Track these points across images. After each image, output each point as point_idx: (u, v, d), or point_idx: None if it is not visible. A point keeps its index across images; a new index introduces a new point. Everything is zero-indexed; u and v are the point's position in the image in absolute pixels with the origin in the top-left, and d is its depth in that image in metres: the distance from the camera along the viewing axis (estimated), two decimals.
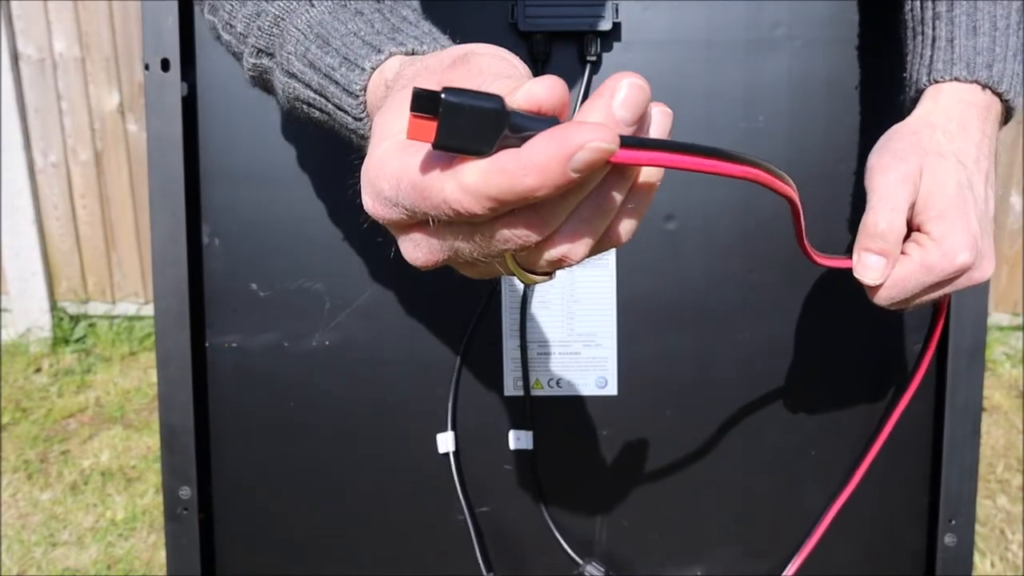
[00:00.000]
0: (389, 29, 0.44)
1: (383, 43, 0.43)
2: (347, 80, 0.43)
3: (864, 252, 0.52)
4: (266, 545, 0.73)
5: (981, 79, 0.55)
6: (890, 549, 0.72)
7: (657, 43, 0.67)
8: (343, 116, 0.44)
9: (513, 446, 0.70)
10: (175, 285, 0.68)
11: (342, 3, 0.46)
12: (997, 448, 2.31)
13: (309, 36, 0.45)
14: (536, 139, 0.29)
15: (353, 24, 0.44)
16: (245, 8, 0.49)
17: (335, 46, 0.44)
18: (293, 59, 0.46)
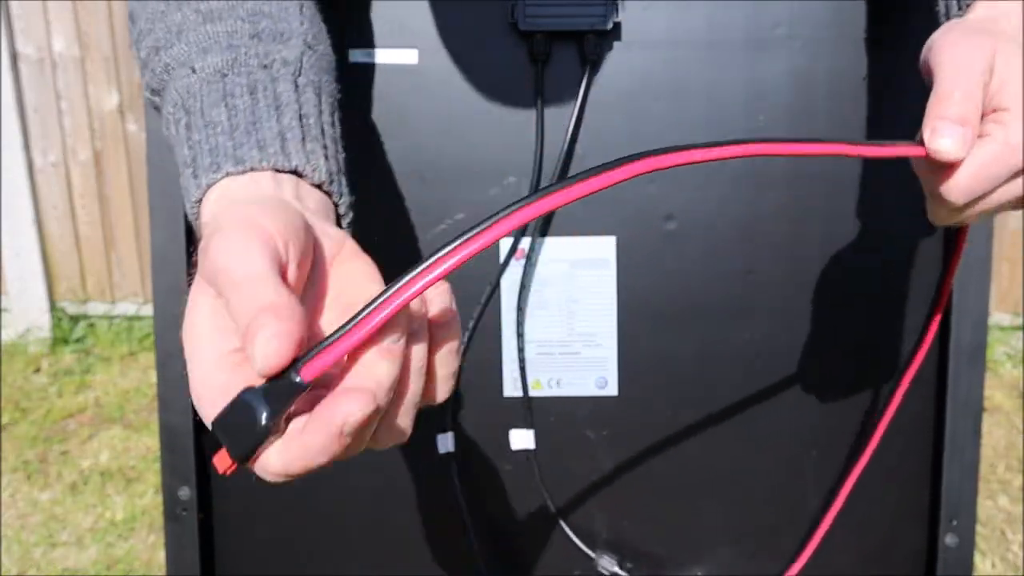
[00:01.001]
0: (246, 126, 0.43)
1: (223, 156, 0.42)
2: (187, 184, 0.44)
3: (939, 121, 0.43)
4: (266, 545, 0.73)
5: None
6: (890, 549, 0.72)
7: (657, 43, 0.67)
8: (186, 200, 0.44)
9: (515, 447, 0.70)
10: (175, 285, 0.68)
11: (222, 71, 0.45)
12: (998, 448, 2.31)
13: (184, 106, 0.46)
14: (307, 429, 0.32)
15: (215, 112, 0.44)
16: (148, 38, 0.49)
17: (194, 137, 0.44)
18: (170, 122, 0.47)
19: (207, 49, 0.46)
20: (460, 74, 0.67)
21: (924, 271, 0.68)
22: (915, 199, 0.68)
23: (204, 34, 0.46)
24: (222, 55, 0.46)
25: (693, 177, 0.68)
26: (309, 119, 0.46)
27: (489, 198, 0.68)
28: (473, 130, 0.68)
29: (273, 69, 0.46)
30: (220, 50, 0.46)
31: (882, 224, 0.68)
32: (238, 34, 0.47)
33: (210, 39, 0.46)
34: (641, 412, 0.70)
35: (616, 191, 0.68)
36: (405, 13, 0.67)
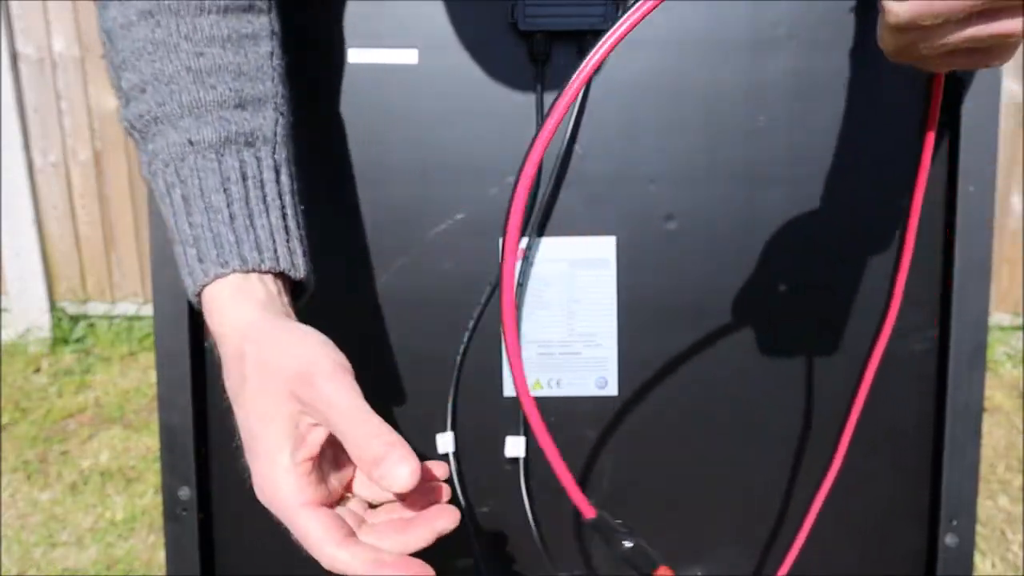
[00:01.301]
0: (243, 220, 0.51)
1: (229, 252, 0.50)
2: (193, 266, 0.51)
3: None
4: (266, 545, 0.73)
5: None
6: (890, 549, 0.72)
7: (657, 43, 0.67)
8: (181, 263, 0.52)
9: (507, 454, 0.70)
10: (175, 284, 0.68)
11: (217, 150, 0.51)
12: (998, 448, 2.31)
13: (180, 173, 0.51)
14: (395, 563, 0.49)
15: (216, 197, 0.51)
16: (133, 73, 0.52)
17: (194, 218, 0.51)
18: (160, 177, 0.52)
19: (200, 117, 0.51)
20: (460, 74, 0.67)
21: (925, 272, 0.68)
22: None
23: (196, 99, 0.51)
24: (214, 129, 0.51)
25: (693, 177, 0.68)
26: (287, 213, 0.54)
27: (489, 198, 0.68)
28: (473, 130, 0.68)
29: (256, 147, 0.53)
30: (213, 123, 0.51)
31: (882, 224, 0.68)
32: (227, 104, 0.52)
33: (202, 106, 0.51)
34: (641, 412, 0.70)
35: (616, 191, 0.68)
36: (405, 13, 0.67)
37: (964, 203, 0.66)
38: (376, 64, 0.67)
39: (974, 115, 0.65)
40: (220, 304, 0.50)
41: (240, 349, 0.48)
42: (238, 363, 0.48)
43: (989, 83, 0.65)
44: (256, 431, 0.47)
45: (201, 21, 0.52)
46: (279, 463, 0.46)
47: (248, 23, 0.54)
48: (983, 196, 0.66)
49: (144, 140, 0.53)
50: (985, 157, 0.66)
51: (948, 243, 0.67)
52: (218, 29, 0.53)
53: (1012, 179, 2.82)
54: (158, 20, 0.51)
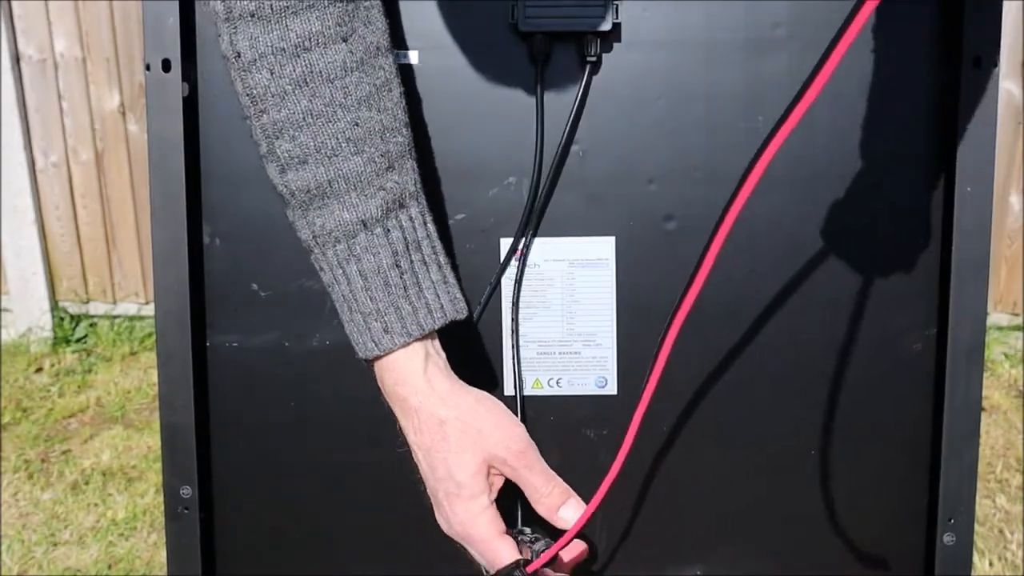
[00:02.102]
0: (415, 292, 0.58)
1: (410, 322, 0.58)
2: (377, 337, 0.58)
3: None
4: (267, 544, 0.73)
5: None
6: (889, 548, 0.72)
7: (657, 43, 0.67)
8: (355, 332, 0.59)
9: None
10: (176, 285, 0.68)
11: (384, 224, 0.57)
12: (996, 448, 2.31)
13: (351, 251, 0.57)
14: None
15: (392, 275, 0.58)
16: (291, 143, 0.55)
17: (373, 293, 0.57)
18: (329, 251, 0.57)
19: (363, 191, 0.56)
20: (460, 75, 0.67)
21: (924, 271, 0.69)
22: (915, 200, 0.68)
23: (359, 172, 0.56)
24: (378, 203, 0.57)
25: (692, 177, 0.68)
26: (441, 261, 0.60)
27: (489, 198, 0.68)
28: (473, 130, 0.68)
29: (408, 208, 0.58)
30: (375, 195, 0.56)
31: (882, 224, 0.68)
32: (381, 170, 0.57)
33: (364, 180, 0.56)
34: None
35: (616, 191, 0.68)
36: (406, 14, 0.67)
37: (962, 203, 0.66)
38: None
39: (972, 116, 0.65)
40: (409, 373, 0.59)
41: (439, 415, 0.59)
42: (437, 427, 0.59)
43: (986, 84, 0.65)
44: (460, 480, 0.59)
45: (348, 82, 0.55)
46: (480, 503, 0.60)
47: (380, 70, 0.58)
48: (981, 196, 0.66)
49: (304, 211, 0.57)
50: (983, 158, 0.66)
51: (946, 243, 0.68)
52: (362, 88, 0.56)
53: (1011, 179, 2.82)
54: (314, 90, 0.54)
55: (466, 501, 0.60)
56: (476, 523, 0.60)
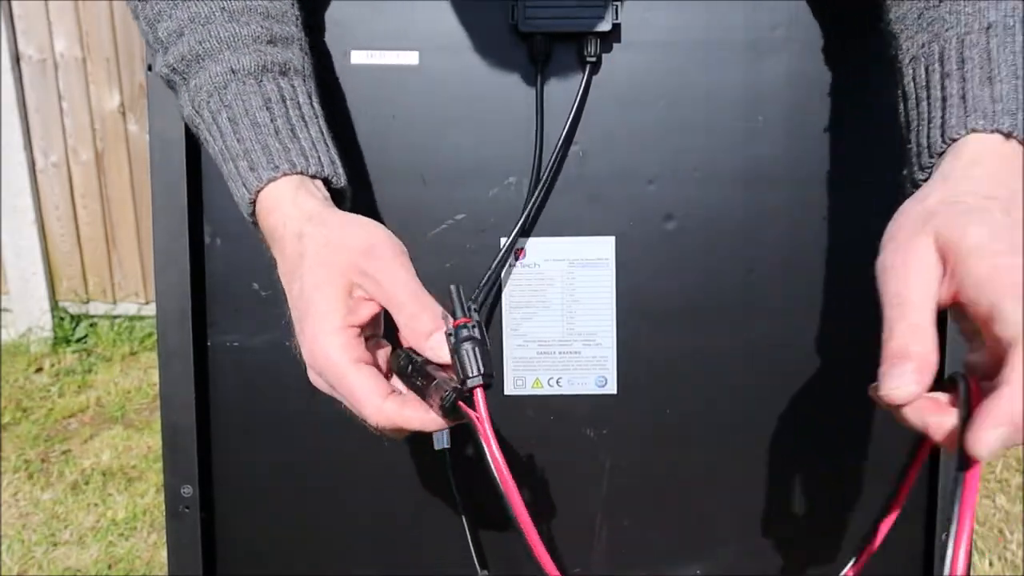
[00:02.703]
0: (287, 132, 0.55)
1: (279, 156, 0.54)
2: (246, 176, 0.55)
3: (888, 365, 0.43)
4: (267, 543, 0.73)
5: (1003, 127, 0.48)
6: (888, 548, 0.72)
7: (657, 44, 0.67)
8: (232, 185, 0.56)
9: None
10: (177, 284, 0.68)
11: (255, 75, 0.56)
12: None
13: (223, 99, 0.56)
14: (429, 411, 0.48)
15: (260, 115, 0.55)
16: (169, 21, 0.57)
17: (242, 133, 0.55)
18: (204, 108, 0.56)
19: (237, 50, 0.56)
20: (461, 75, 0.67)
21: None
22: None
23: (233, 34, 0.56)
24: (251, 58, 0.56)
25: (692, 177, 0.68)
26: (323, 127, 0.58)
27: (489, 198, 0.68)
28: (473, 130, 0.68)
29: (290, 76, 0.57)
30: (249, 53, 0.56)
31: (881, 224, 0.69)
32: (260, 39, 0.56)
33: (238, 40, 0.56)
34: (640, 411, 0.71)
35: (616, 191, 0.68)
36: (406, 15, 0.67)
37: None
38: (377, 65, 0.67)
39: None
40: (279, 200, 0.54)
41: (300, 230, 0.52)
42: (296, 242, 0.52)
43: None
44: (310, 297, 0.50)
45: None
46: (331, 322, 0.49)
47: None
48: None
49: (186, 80, 0.57)
50: None
51: None
52: None
53: None
54: None
55: (318, 320, 0.50)
56: (327, 346, 0.49)
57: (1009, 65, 0.49)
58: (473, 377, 0.46)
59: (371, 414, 0.48)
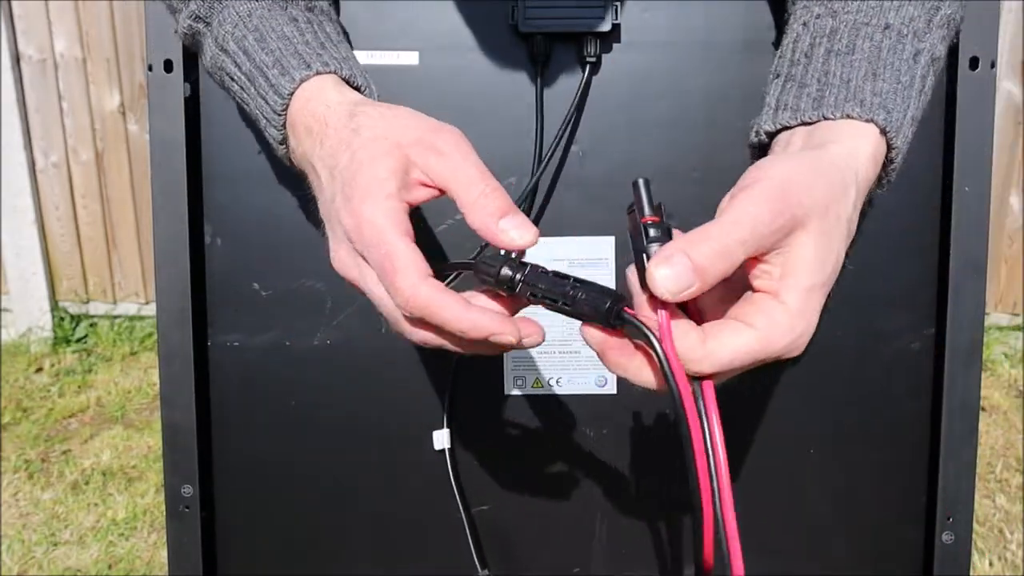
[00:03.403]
0: (317, 44, 0.53)
1: (311, 59, 0.52)
2: (278, 82, 0.52)
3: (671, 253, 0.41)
4: (268, 543, 0.73)
5: (878, 120, 0.48)
6: (887, 547, 0.72)
7: (656, 44, 0.67)
8: (262, 104, 0.53)
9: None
10: (177, 284, 0.69)
11: (281, 3, 0.55)
12: (996, 448, 2.32)
13: (248, 25, 0.54)
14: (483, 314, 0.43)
15: (288, 29, 0.53)
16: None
17: (270, 46, 0.53)
18: (229, 40, 0.54)
19: None
20: (461, 75, 0.68)
21: (922, 271, 0.69)
22: (913, 200, 0.68)
23: None
24: None
25: (692, 177, 0.68)
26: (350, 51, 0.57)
27: None
28: (473, 130, 0.68)
29: (315, 12, 0.56)
30: None
31: (880, 223, 0.69)
32: None
33: None
34: (640, 411, 0.71)
35: (615, 191, 0.68)
36: (406, 15, 0.67)
37: (959, 203, 0.66)
38: (378, 66, 0.67)
39: (969, 115, 0.66)
40: (321, 90, 0.51)
41: (352, 110, 0.48)
42: (347, 120, 0.48)
43: (983, 84, 0.65)
44: (362, 165, 0.45)
45: None
46: (383, 189, 0.44)
47: None
48: (978, 196, 0.66)
49: (209, 23, 0.55)
50: (980, 157, 0.66)
51: (944, 243, 0.68)
52: None
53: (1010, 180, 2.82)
54: None
55: (368, 185, 0.45)
56: (374, 210, 0.44)
57: (894, 69, 0.50)
58: None
59: (405, 288, 0.42)
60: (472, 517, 0.71)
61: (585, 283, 0.42)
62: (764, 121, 0.52)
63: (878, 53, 0.50)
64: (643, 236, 0.42)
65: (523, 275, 0.42)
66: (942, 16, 0.52)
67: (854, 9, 0.52)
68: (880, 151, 0.49)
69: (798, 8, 0.55)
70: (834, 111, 0.48)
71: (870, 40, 0.51)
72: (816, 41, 0.52)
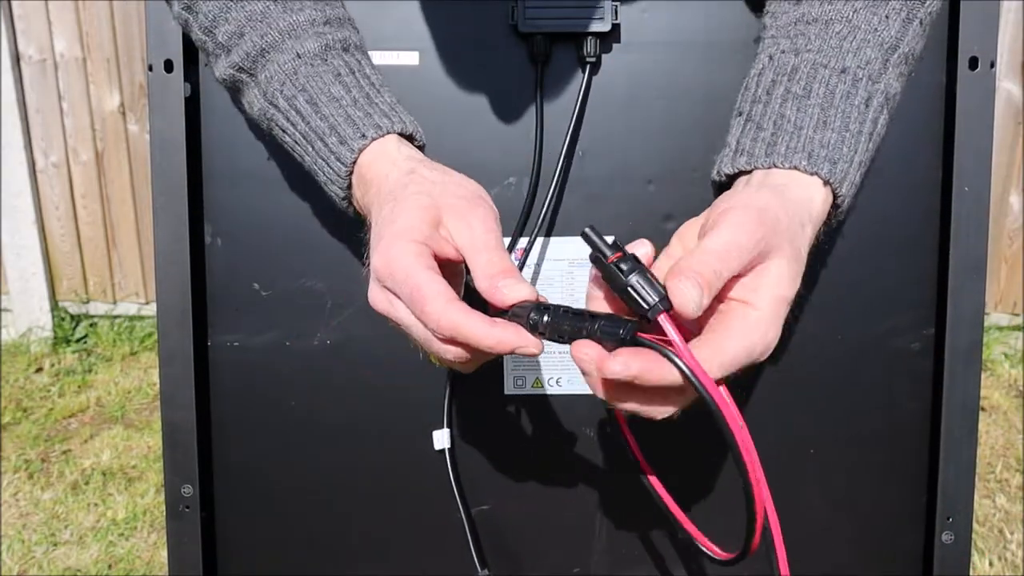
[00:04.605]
0: (365, 102, 0.57)
1: (366, 126, 0.56)
2: (338, 151, 0.56)
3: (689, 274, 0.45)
4: (268, 543, 0.73)
5: (822, 173, 0.52)
6: (887, 547, 0.72)
7: (656, 44, 0.67)
8: (324, 166, 0.57)
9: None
10: (177, 284, 0.69)
11: (322, 56, 0.58)
12: (996, 448, 2.32)
13: (295, 84, 0.57)
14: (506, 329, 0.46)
15: (336, 89, 0.57)
16: (227, 24, 0.58)
17: (323, 111, 0.56)
18: (279, 97, 0.57)
19: (299, 37, 0.57)
20: (461, 75, 0.68)
21: (921, 270, 0.69)
22: (913, 200, 0.69)
23: (292, 23, 0.57)
24: (315, 41, 0.57)
25: (692, 177, 0.68)
26: (392, 92, 0.59)
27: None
28: (473, 131, 0.68)
29: (351, 51, 0.59)
30: (310, 37, 0.57)
31: (880, 224, 0.69)
32: (317, 22, 0.58)
33: (298, 28, 0.57)
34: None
35: (616, 191, 0.68)
36: (406, 15, 0.67)
37: (959, 203, 0.66)
38: (377, 65, 0.67)
39: (969, 115, 0.66)
40: (384, 152, 0.55)
41: (412, 167, 0.54)
42: (405, 176, 0.53)
43: (983, 84, 0.66)
44: (398, 214, 0.50)
45: None
46: (411, 234, 0.49)
47: None
48: (978, 196, 0.66)
49: (254, 75, 0.58)
50: (980, 157, 0.66)
51: (944, 242, 0.68)
52: None
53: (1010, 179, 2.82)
54: None
55: (399, 230, 0.49)
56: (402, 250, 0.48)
57: (844, 116, 0.53)
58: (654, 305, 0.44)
59: (434, 311, 0.46)
60: (472, 517, 0.71)
61: (598, 315, 0.47)
62: (724, 164, 0.56)
63: (831, 99, 0.53)
64: (620, 273, 0.46)
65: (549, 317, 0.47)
66: (900, 55, 0.55)
67: (815, 48, 0.54)
68: (828, 198, 0.53)
69: (767, 39, 0.58)
70: (784, 161, 0.53)
71: (825, 85, 0.53)
72: (777, 79, 0.55)
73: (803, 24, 0.56)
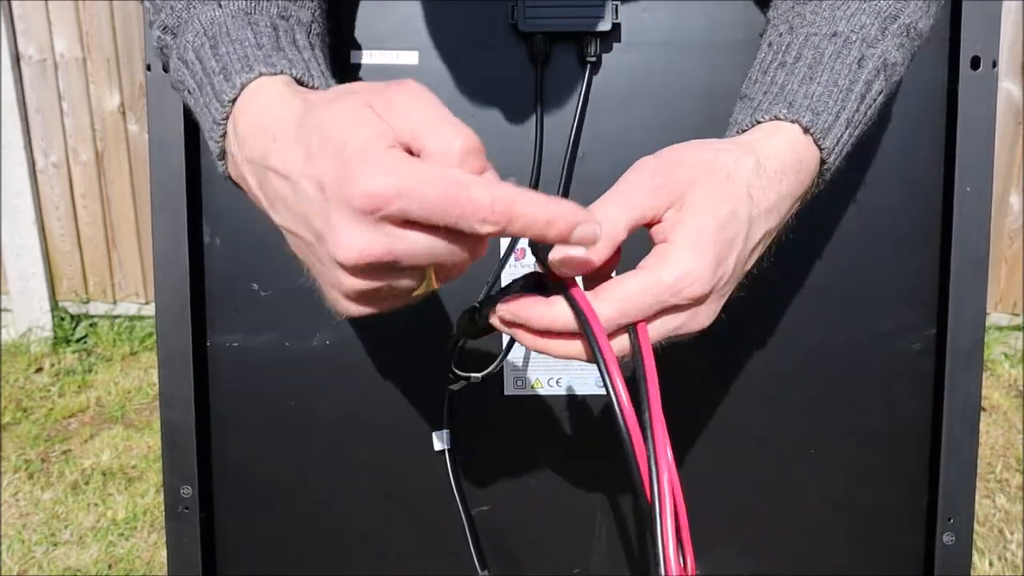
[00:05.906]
0: (272, 48, 0.49)
1: (256, 62, 0.47)
2: (220, 88, 0.47)
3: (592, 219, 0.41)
4: (267, 543, 0.73)
5: (803, 121, 0.50)
6: (888, 548, 0.72)
7: (656, 44, 0.67)
8: (207, 114, 0.48)
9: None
10: (177, 284, 0.68)
11: (246, 11, 0.51)
12: (996, 448, 2.32)
13: (208, 33, 0.50)
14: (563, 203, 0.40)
15: (242, 33, 0.49)
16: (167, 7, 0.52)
17: (220, 51, 0.49)
18: (189, 49, 0.50)
19: None
20: (461, 75, 0.67)
21: (922, 270, 0.69)
22: (914, 200, 0.68)
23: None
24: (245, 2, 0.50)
25: None
26: (323, 64, 0.52)
27: None
28: (473, 130, 0.68)
29: (290, 22, 0.52)
30: None
31: (880, 223, 0.69)
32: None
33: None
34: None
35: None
36: (406, 15, 0.67)
37: (961, 202, 0.66)
38: (377, 66, 0.67)
39: (971, 115, 0.66)
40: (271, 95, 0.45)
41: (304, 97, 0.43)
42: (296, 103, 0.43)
43: (985, 84, 0.65)
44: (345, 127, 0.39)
45: None
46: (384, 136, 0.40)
47: None
48: (980, 196, 0.66)
49: (176, 35, 0.51)
50: (982, 157, 0.66)
51: (945, 242, 0.68)
52: None
53: (1011, 179, 2.82)
54: None
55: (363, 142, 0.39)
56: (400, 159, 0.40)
57: (832, 72, 0.51)
58: None
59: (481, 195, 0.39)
60: (472, 517, 0.71)
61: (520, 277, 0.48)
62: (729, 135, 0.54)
63: (819, 59, 0.52)
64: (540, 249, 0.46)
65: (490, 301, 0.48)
66: (900, 25, 0.53)
67: (808, 22, 0.54)
68: (809, 152, 0.50)
69: (769, 27, 0.57)
70: (764, 114, 0.51)
71: (815, 49, 0.52)
72: (773, 58, 0.54)
73: (800, 5, 0.55)
